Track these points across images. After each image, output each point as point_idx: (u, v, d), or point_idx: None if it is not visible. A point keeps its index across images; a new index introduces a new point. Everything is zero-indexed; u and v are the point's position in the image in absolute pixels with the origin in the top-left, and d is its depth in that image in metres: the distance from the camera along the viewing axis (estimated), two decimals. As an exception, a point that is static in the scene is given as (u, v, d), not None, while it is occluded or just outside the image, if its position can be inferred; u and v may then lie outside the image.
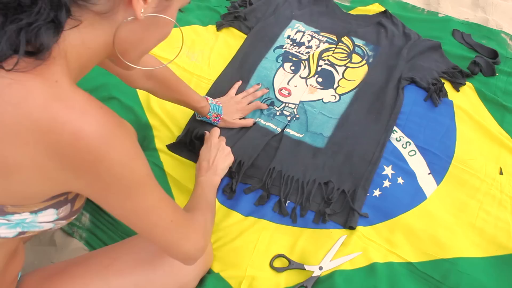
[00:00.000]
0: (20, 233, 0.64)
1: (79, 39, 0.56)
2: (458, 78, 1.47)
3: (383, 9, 1.70)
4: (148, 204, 0.66)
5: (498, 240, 1.11)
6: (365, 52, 1.54)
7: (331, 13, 1.70)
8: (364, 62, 1.51)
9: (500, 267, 1.07)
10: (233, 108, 1.30)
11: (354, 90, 1.42)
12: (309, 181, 1.20)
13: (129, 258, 0.88)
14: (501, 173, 1.24)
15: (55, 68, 0.53)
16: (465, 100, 1.43)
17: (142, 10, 0.57)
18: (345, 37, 1.58)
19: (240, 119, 1.31)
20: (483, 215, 1.16)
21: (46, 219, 0.64)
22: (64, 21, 0.52)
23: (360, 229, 1.12)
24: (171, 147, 1.27)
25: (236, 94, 1.36)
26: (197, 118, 1.29)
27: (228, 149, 1.13)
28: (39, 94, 0.51)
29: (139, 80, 1.04)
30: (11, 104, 0.51)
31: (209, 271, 1.04)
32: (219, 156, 1.09)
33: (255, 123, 1.31)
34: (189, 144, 1.25)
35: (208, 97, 1.25)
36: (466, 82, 1.47)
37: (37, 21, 0.50)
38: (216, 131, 1.17)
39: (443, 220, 1.14)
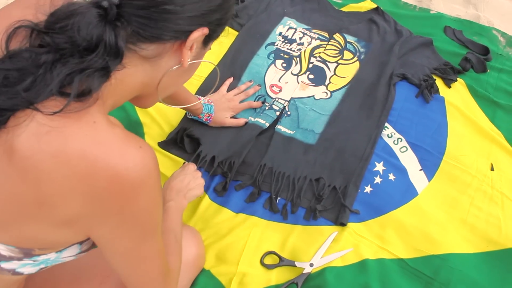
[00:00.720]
0: (42, 268, 0.64)
1: (119, 78, 0.56)
2: (449, 75, 1.47)
3: (375, 6, 1.70)
4: (151, 252, 0.64)
5: (489, 236, 1.11)
6: (357, 49, 1.53)
7: (323, 10, 1.69)
8: (355, 58, 1.50)
9: (491, 263, 1.07)
10: (225, 106, 1.28)
11: (346, 87, 1.42)
12: (300, 177, 1.19)
13: None
14: (492, 169, 1.24)
15: (93, 109, 0.53)
16: (456, 96, 1.43)
17: (189, 60, 0.60)
18: (337, 34, 1.58)
19: (231, 117, 1.29)
20: (474, 211, 1.16)
21: (70, 253, 0.64)
22: (114, 68, 0.53)
23: (351, 225, 1.12)
24: (162, 144, 1.26)
25: (228, 91, 1.35)
26: (188, 116, 1.28)
27: (203, 181, 1.03)
28: (77, 141, 0.51)
29: None
30: (50, 153, 0.50)
31: (200, 268, 1.03)
32: (192, 181, 1.00)
33: (246, 123, 1.29)
34: (180, 142, 1.25)
35: (200, 96, 1.23)
36: (458, 79, 1.47)
37: (90, 67, 0.51)
38: (194, 164, 1.08)
39: (435, 216, 1.14)
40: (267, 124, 1.29)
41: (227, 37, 1.55)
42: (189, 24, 0.56)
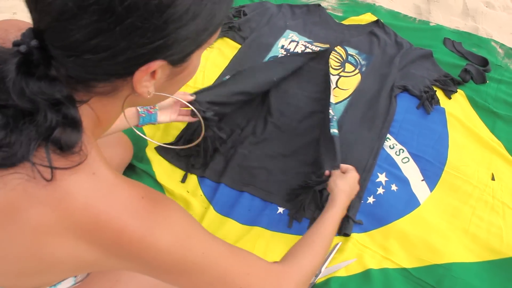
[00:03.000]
0: None
1: (95, 116, 0.54)
2: (449, 86, 1.50)
3: (375, 18, 1.73)
4: (208, 280, 0.59)
5: (491, 245, 1.12)
6: (358, 61, 1.56)
7: (324, 23, 1.72)
8: (357, 71, 1.53)
9: (493, 272, 1.08)
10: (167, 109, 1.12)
11: (348, 99, 1.44)
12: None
13: (132, 281, 0.83)
14: (493, 178, 1.26)
15: (88, 158, 0.50)
16: (457, 107, 1.45)
17: (149, 91, 0.52)
18: (338, 46, 1.60)
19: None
20: (476, 220, 1.17)
21: (65, 286, 0.63)
22: (77, 115, 0.49)
23: (354, 236, 1.13)
24: (159, 149, 1.28)
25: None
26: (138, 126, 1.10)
27: (357, 175, 1.06)
28: (78, 193, 0.48)
29: None
30: (50, 207, 0.47)
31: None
32: (354, 181, 1.04)
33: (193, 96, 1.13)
34: (179, 150, 1.26)
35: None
36: (458, 90, 1.49)
37: (52, 131, 0.47)
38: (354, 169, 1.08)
39: (437, 226, 1.15)
40: None
41: (230, 50, 1.58)
42: (126, 67, 0.48)
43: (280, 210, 1.19)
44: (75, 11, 0.42)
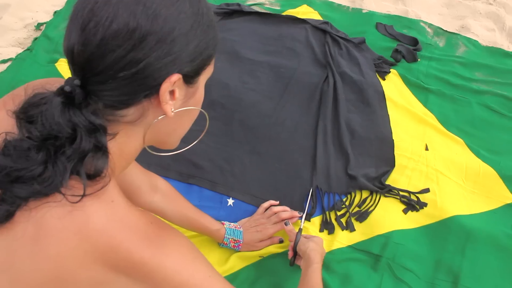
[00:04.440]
0: None
1: (118, 150, 0.58)
2: (383, 68, 1.57)
3: (311, 10, 1.80)
4: None
5: (427, 210, 1.19)
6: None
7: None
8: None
9: (430, 235, 1.14)
10: (252, 231, 1.13)
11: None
12: None
13: None
14: (426, 149, 1.33)
15: (109, 187, 0.55)
16: (391, 86, 1.53)
17: (172, 109, 0.57)
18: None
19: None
20: (412, 189, 1.24)
21: None
22: (106, 144, 0.54)
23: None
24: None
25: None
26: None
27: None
28: (98, 218, 0.53)
29: (146, 194, 0.97)
30: (73, 231, 0.52)
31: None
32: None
33: (281, 241, 1.13)
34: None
35: (225, 222, 1.11)
36: (391, 70, 1.57)
37: (84, 153, 0.52)
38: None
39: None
40: None
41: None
42: (153, 80, 0.54)
43: (230, 202, 1.22)
44: (109, 37, 0.50)
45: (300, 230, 1.08)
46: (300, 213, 1.15)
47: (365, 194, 1.22)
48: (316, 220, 1.18)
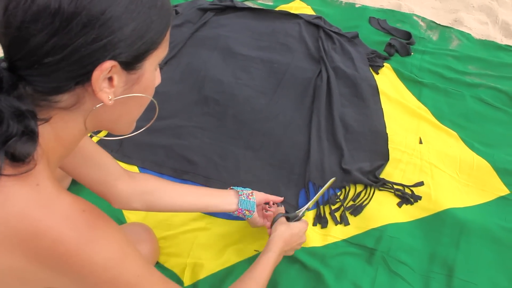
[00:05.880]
0: None
1: (53, 135, 0.55)
2: (376, 62, 1.57)
3: (304, 5, 1.79)
4: None
5: (421, 203, 1.19)
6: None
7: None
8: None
9: (425, 228, 1.14)
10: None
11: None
12: None
13: None
14: (420, 142, 1.33)
15: (36, 170, 0.51)
16: (385, 80, 1.53)
17: (110, 97, 0.53)
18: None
19: None
20: (406, 183, 1.23)
21: None
22: (35, 128, 0.51)
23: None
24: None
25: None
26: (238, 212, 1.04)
27: (305, 239, 1.03)
28: (17, 201, 0.49)
29: (120, 181, 0.88)
30: None
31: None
32: (299, 241, 1.00)
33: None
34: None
35: (238, 190, 1.04)
36: (385, 64, 1.57)
37: (11, 137, 0.49)
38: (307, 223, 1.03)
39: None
40: None
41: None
42: (82, 67, 0.50)
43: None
44: (30, 19, 0.46)
45: (281, 214, 1.02)
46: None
47: (359, 188, 1.22)
48: (310, 214, 1.17)
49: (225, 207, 1.00)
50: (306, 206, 1.07)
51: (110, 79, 0.52)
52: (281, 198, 1.11)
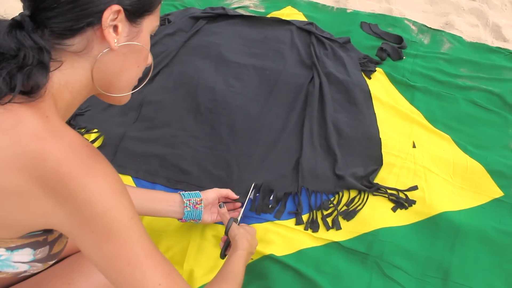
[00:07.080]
0: None
1: (63, 80, 0.60)
2: (368, 66, 1.57)
3: (296, 11, 1.80)
4: (131, 254, 0.59)
5: (415, 207, 1.18)
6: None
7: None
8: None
9: (419, 231, 1.14)
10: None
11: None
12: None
13: (84, 283, 0.83)
14: (414, 146, 1.34)
15: (45, 106, 0.57)
16: (377, 85, 1.53)
17: (115, 41, 0.61)
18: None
19: None
20: (400, 187, 1.23)
21: (22, 258, 0.63)
22: (48, 62, 0.57)
23: (283, 222, 1.16)
24: None
25: None
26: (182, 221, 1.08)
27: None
28: (30, 123, 0.55)
29: None
30: (2, 130, 0.54)
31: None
32: (255, 244, 1.04)
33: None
34: None
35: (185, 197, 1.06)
36: (377, 68, 1.57)
37: (27, 65, 0.55)
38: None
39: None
40: None
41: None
42: (95, 6, 0.58)
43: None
44: None
45: (233, 218, 1.03)
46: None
47: (353, 193, 1.22)
48: (303, 218, 1.17)
49: (170, 215, 1.04)
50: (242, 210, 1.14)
51: (115, 28, 0.61)
52: (236, 196, 1.16)
